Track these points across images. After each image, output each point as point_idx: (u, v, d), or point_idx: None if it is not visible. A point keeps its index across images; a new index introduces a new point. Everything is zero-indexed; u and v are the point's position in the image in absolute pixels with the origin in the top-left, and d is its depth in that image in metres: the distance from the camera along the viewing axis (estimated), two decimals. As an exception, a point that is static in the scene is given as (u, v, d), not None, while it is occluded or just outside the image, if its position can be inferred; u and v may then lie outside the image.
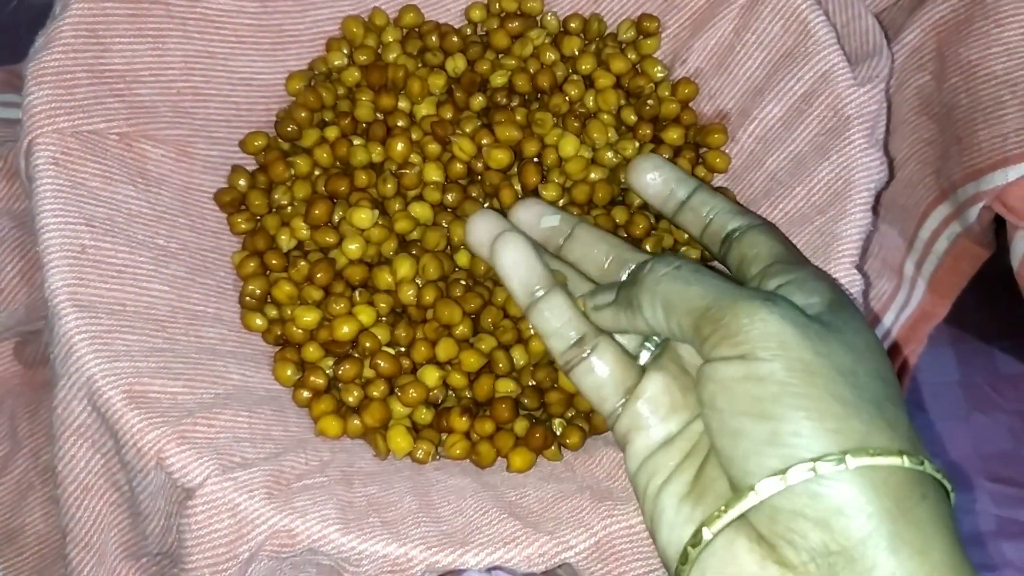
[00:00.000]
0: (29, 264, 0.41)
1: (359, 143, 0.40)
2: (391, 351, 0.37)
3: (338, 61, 0.42)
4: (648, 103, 0.41)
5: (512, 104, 0.41)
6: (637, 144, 0.41)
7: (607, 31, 0.44)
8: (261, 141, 0.40)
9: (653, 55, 0.43)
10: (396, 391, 0.36)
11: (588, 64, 0.42)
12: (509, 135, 0.40)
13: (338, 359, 0.37)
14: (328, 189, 0.39)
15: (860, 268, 0.35)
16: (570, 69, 0.42)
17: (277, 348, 0.38)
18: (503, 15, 0.43)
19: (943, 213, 0.44)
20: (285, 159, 0.40)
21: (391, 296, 0.38)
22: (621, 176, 0.40)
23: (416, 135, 0.40)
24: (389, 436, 0.36)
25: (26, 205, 0.36)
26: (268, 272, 0.38)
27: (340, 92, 0.41)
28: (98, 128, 0.36)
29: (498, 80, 0.42)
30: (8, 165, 0.41)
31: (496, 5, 0.43)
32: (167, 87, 0.39)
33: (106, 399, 0.32)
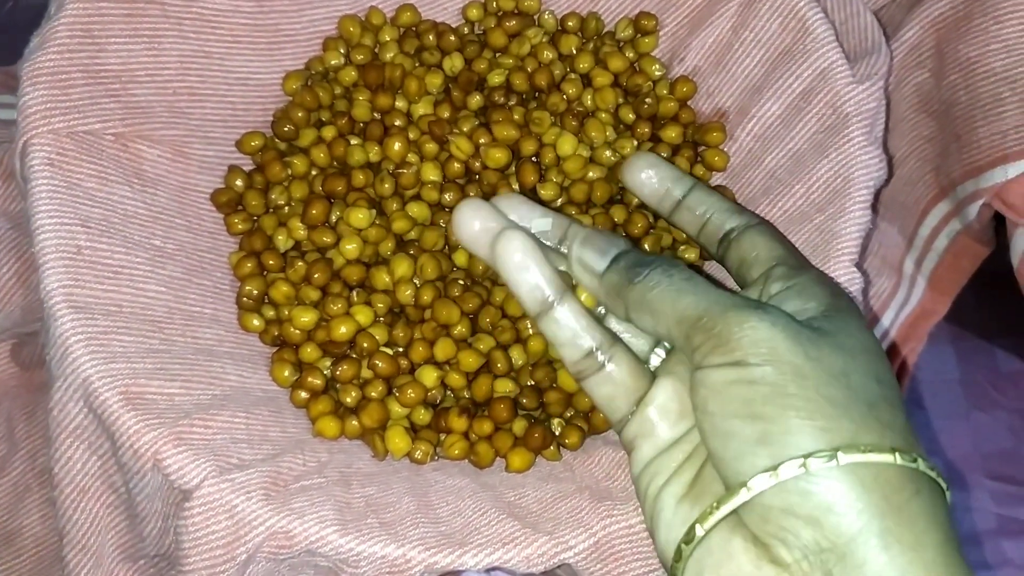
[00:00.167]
0: (25, 265, 0.41)
1: (356, 143, 0.40)
2: (389, 351, 0.37)
3: (335, 60, 0.42)
4: (646, 101, 0.41)
5: (510, 103, 0.41)
6: (635, 143, 0.40)
7: (605, 29, 0.43)
8: (258, 141, 0.40)
9: (651, 53, 0.43)
10: (394, 391, 0.36)
11: (586, 63, 0.42)
12: (507, 134, 0.40)
13: (336, 359, 0.37)
14: (325, 189, 0.39)
15: (860, 266, 0.35)
16: (568, 68, 0.42)
17: (274, 349, 0.38)
18: (500, 14, 0.43)
19: (943, 210, 0.44)
20: (282, 159, 0.40)
21: (389, 296, 0.37)
22: (619, 175, 0.40)
23: (413, 134, 0.40)
24: (387, 437, 0.36)
25: (22, 206, 0.36)
26: (265, 272, 0.38)
27: (337, 92, 0.41)
28: (94, 128, 0.36)
29: (495, 79, 0.41)
30: (4, 166, 0.41)
31: (493, 4, 0.43)
32: (163, 87, 0.38)
33: (102, 401, 0.32)
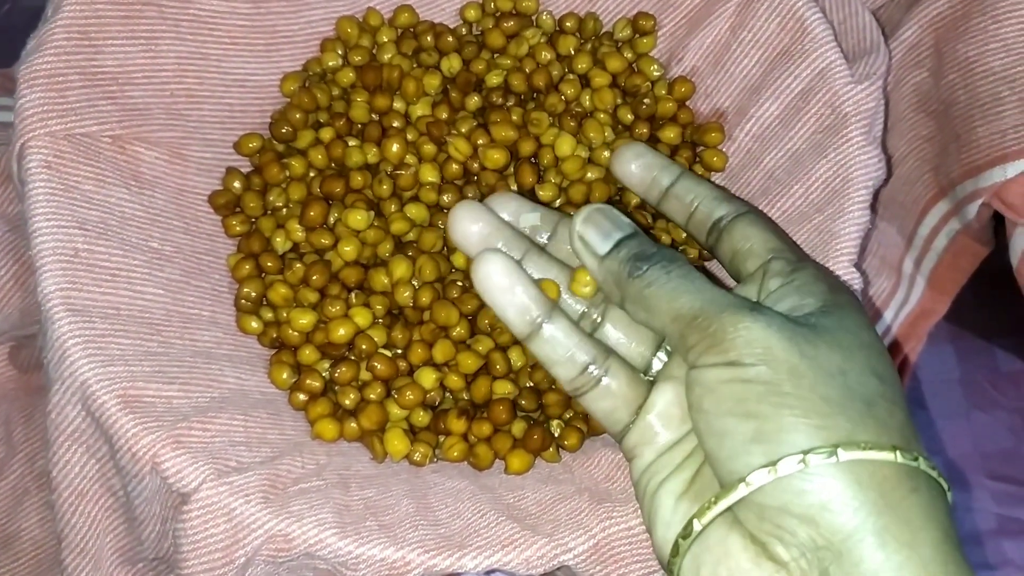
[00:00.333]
0: (23, 268, 0.41)
1: (354, 144, 0.40)
2: (388, 353, 0.37)
3: (333, 62, 0.42)
4: (644, 102, 0.41)
5: (508, 104, 0.41)
6: (634, 143, 0.40)
7: (603, 30, 0.43)
8: (255, 143, 0.40)
9: (649, 54, 0.43)
10: (393, 393, 0.36)
11: (584, 63, 0.42)
12: (505, 135, 0.40)
13: (334, 361, 0.37)
14: (323, 191, 0.39)
15: (859, 266, 0.35)
16: (566, 68, 0.42)
17: (273, 351, 0.38)
18: (498, 14, 0.43)
19: (942, 210, 0.44)
20: (280, 161, 0.40)
21: (387, 298, 0.37)
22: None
23: (412, 136, 0.40)
24: (386, 439, 0.35)
25: (19, 208, 0.36)
26: (263, 274, 0.38)
27: (335, 93, 0.41)
28: (91, 131, 0.36)
29: (494, 80, 0.41)
30: (1, 168, 0.41)
31: (491, 4, 0.43)
32: (160, 89, 0.38)
33: (100, 404, 0.31)
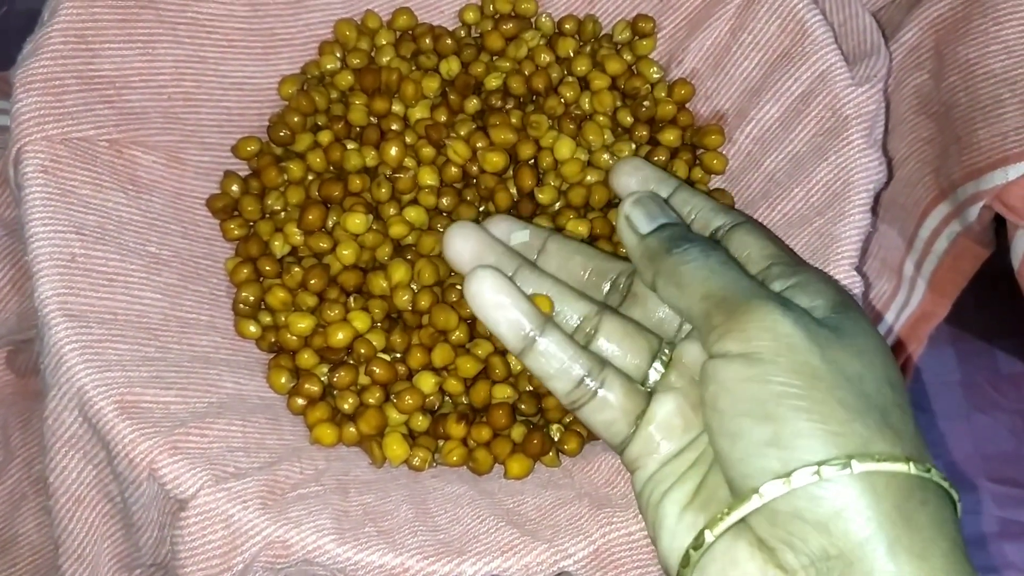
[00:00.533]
0: (20, 272, 0.40)
1: (353, 147, 0.39)
2: (386, 357, 0.37)
3: (331, 64, 0.42)
4: (644, 105, 0.41)
5: (507, 107, 0.41)
6: (633, 146, 0.40)
7: (602, 32, 0.43)
8: (254, 146, 0.40)
9: (649, 56, 0.43)
10: (392, 398, 0.36)
11: (583, 66, 0.41)
12: (504, 138, 0.39)
13: (333, 366, 0.36)
14: (322, 194, 0.39)
15: (859, 269, 0.35)
16: (565, 71, 0.42)
17: (271, 355, 0.37)
18: (497, 17, 0.43)
19: (943, 212, 0.44)
20: (278, 164, 0.39)
21: (386, 302, 0.37)
22: (608, 181, 0.39)
23: (410, 139, 0.40)
24: (385, 443, 0.35)
25: (16, 213, 0.35)
26: (262, 278, 0.38)
27: (333, 96, 0.41)
28: (88, 135, 0.36)
29: (493, 82, 0.41)
30: (-2, 173, 0.40)
31: (490, 7, 0.43)
32: (158, 93, 0.38)
33: (97, 410, 0.31)
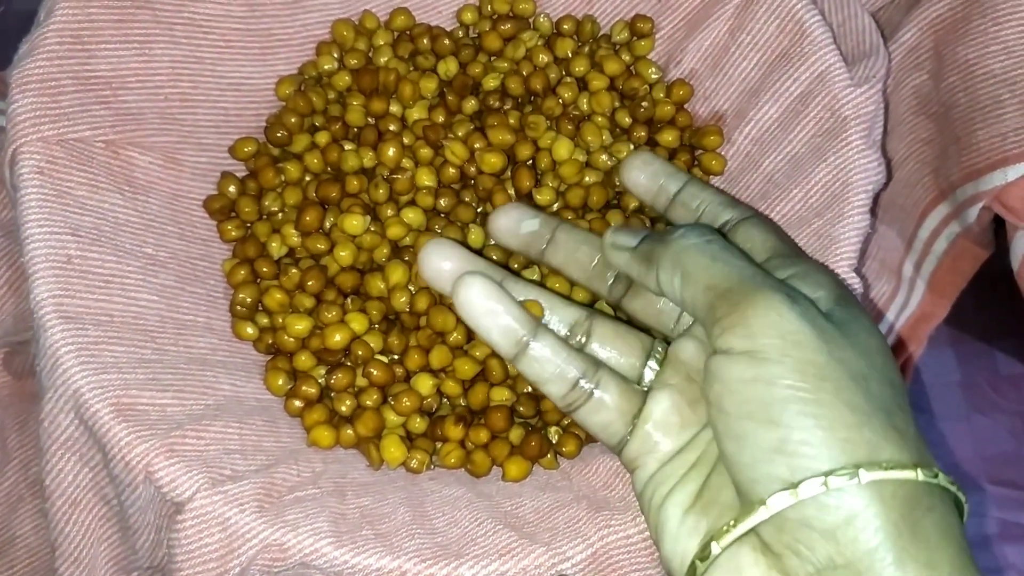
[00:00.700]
0: (17, 273, 0.40)
1: (350, 148, 0.39)
2: (384, 359, 0.36)
3: (328, 65, 0.42)
4: (642, 105, 0.41)
5: (505, 107, 0.41)
6: (632, 146, 0.40)
7: (600, 32, 0.43)
8: (251, 147, 0.40)
9: (647, 56, 0.42)
10: (389, 400, 0.36)
11: (582, 66, 0.41)
12: (502, 139, 0.39)
13: (330, 368, 0.36)
14: (319, 195, 0.38)
15: (858, 271, 0.35)
16: (563, 71, 0.42)
17: (268, 357, 0.37)
18: (495, 17, 0.43)
19: (942, 213, 0.44)
20: (275, 165, 0.39)
21: (384, 303, 0.37)
22: (616, 179, 0.39)
23: (408, 139, 0.40)
24: (383, 446, 0.35)
25: (12, 214, 0.35)
26: (259, 280, 0.38)
27: (331, 96, 0.41)
28: (84, 136, 0.36)
29: (491, 83, 0.41)
30: (-6, 174, 0.40)
31: (488, 7, 0.43)
32: (154, 93, 0.38)
33: (93, 412, 0.31)
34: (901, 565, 0.24)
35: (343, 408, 0.36)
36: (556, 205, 0.39)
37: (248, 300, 0.37)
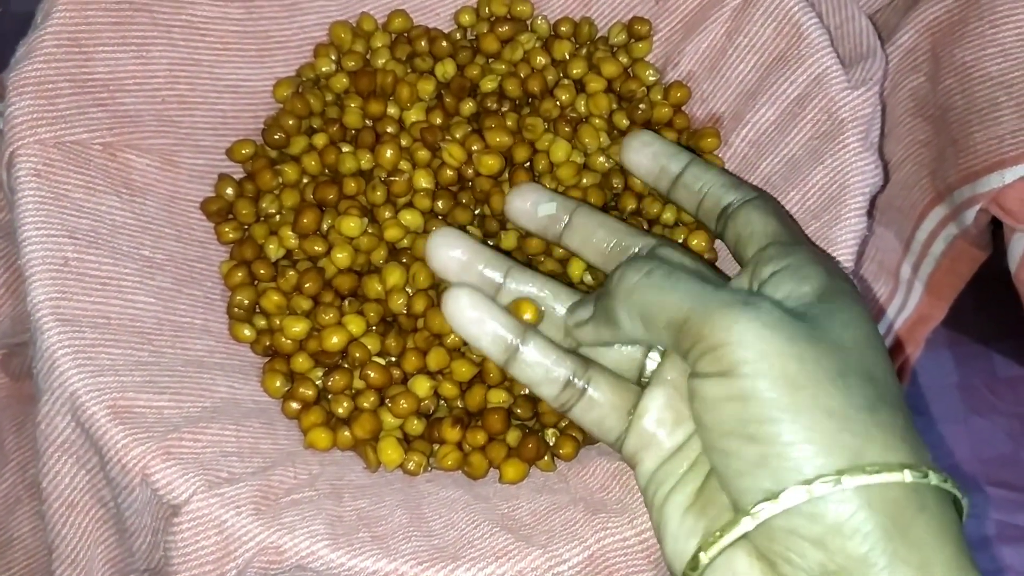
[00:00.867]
0: (14, 275, 0.40)
1: (348, 150, 0.39)
2: (381, 361, 0.36)
3: (326, 67, 0.42)
4: (640, 107, 0.41)
5: (502, 109, 0.41)
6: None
7: (598, 34, 0.43)
8: (248, 149, 0.40)
9: (645, 58, 0.42)
10: (387, 402, 0.36)
11: (579, 68, 0.41)
12: (500, 141, 0.39)
13: (328, 370, 0.36)
14: (316, 197, 0.38)
15: (856, 273, 0.35)
16: (561, 73, 0.42)
17: (266, 359, 0.37)
18: (493, 19, 0.43)
19: (940, 215, 0.44)
20: (273, 167, 0.39)
21: (381, 305, 0.37)
22: (614, 181, 0.39)
23: (405, 141, 0.40)
24: (380, 448, 0.35)
25: (10, 217, 0.35)
26: (256, 282, 0.38)
27: (328, 98, 0.41)
28: (81, 138, 0.36)
29: (488, 85, 0.41)
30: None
31: (486, 9, 0.43)
32: (152, 96, 0.38)
33: (90, 415, 0.31)
34: (893, 570, 0.24)
35: (340, 410, 0.36)
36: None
37: (245, 302, 0.37)
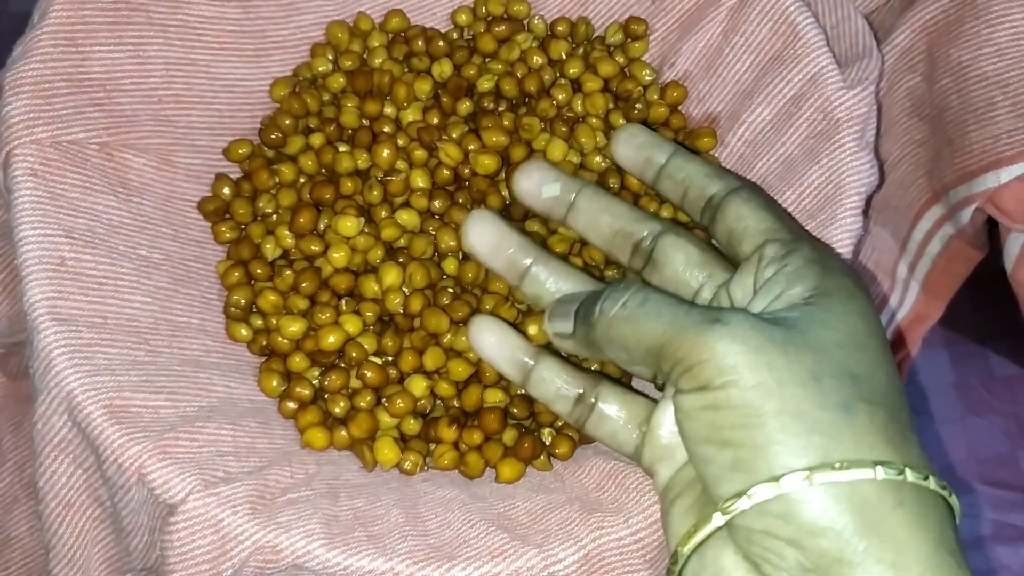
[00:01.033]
0: (11, 275, 0.40)
1: (344, 150, 0.39)
2: (378, 361, 0.36)
3: (323, 67, 0.42)
4: (636, 107, 0.41)
5: (499, 109, 0.41)
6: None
7: (594, 34, 0.43)
8: (245, 149, 0.40)
9: (641, 58, 0.42)
10: (383, 401, 0.36)
11: (576, 68, 0.41)
12: (496, 140, 0.39)
13: (324, 369, 0.36)
14: (313, 197, 0.39)
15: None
16: (557, 73, 0.42)
17: (262, 359, 0.37)
18: (489, 19, 0.43)
19: (936, 215, 0.44)
20: (269, 167, 0.39)
21: (378, 305, 0.37)
22: (610, 180, 0.40)
23: (402, 141, 0.40)
24: (376, 447, 0.35)
25: (6, 216, 0.35)
26: (253, 281, 0.38)
27: (325, 98, 0.41)
28: (78, 138, 0.36)
29: (485, 85, 0.41)
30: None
31: (482, 9, 0.43)
32: (148, 95, 0.38)
33: (86, 414, 0.31)
34: (867, 567, 0.24)
35: (337, 410, 0.36)
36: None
37: (242, 302, 0.37)
